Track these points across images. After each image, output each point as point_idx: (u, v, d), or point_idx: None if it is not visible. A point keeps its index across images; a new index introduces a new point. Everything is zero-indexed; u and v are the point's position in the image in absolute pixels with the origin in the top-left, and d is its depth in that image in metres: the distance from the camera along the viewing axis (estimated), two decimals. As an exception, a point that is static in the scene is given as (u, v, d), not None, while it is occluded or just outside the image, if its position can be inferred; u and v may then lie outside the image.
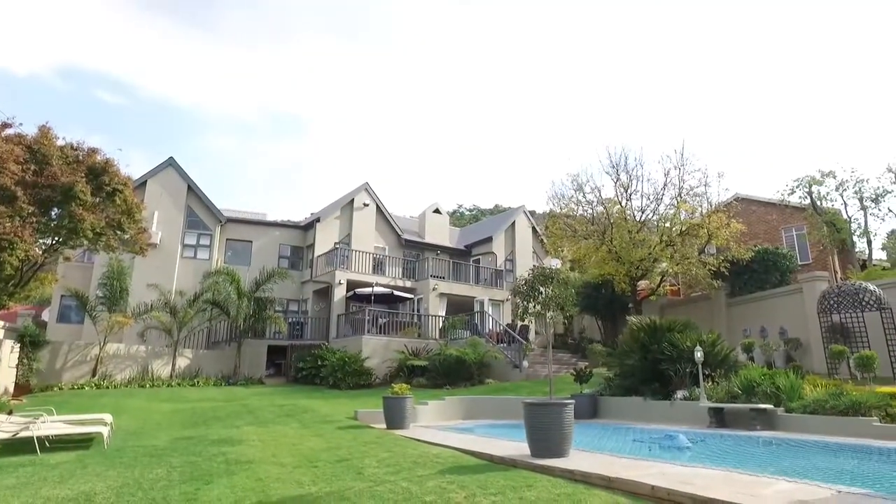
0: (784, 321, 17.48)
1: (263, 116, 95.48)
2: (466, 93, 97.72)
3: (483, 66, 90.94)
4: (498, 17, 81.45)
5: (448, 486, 5.22)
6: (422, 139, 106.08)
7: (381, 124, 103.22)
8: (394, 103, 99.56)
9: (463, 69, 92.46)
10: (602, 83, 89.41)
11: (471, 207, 69.02)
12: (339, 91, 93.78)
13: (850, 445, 7.43)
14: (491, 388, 16.62)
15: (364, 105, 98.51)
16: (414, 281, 25.38)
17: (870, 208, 26.22)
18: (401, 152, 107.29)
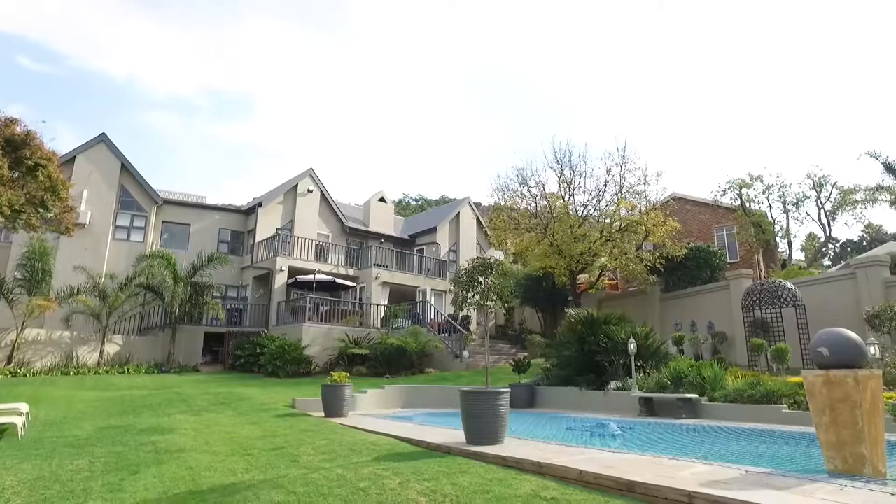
0: (712, 316, 18.40)
1: (207, 96, 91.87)
2: (416, 81, 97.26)
3: (433, 55, 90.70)
4: (448, 9, 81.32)
5: (383, 472, 5.26)
6: (370, 127, 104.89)
7: (328, 110, 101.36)
8: (342, 90, 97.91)
9: (412, 58, 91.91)
10: (549, 80, 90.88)
11: (417, 197, 68.84)
12: (286, 75, 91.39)
13: (763, 431, 7.96)
14: (431, 378, 16.77)
15: (312, 90, 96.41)
16: (357, 269, 25.19)
17: (791, 212, 28.01)
18: (348, 139, 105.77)
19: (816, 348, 5.09)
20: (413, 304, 23.70)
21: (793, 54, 72.97)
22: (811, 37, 71.20)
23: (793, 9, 67.92)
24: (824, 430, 4.86)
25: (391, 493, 4.57)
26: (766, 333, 15.68)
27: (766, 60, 74.58)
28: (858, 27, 68.38)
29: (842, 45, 68.55)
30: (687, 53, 79.21)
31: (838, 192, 28.00)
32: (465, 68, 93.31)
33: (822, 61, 71.17)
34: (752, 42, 75.64)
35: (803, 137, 72.34)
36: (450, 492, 4.48)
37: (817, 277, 18.04)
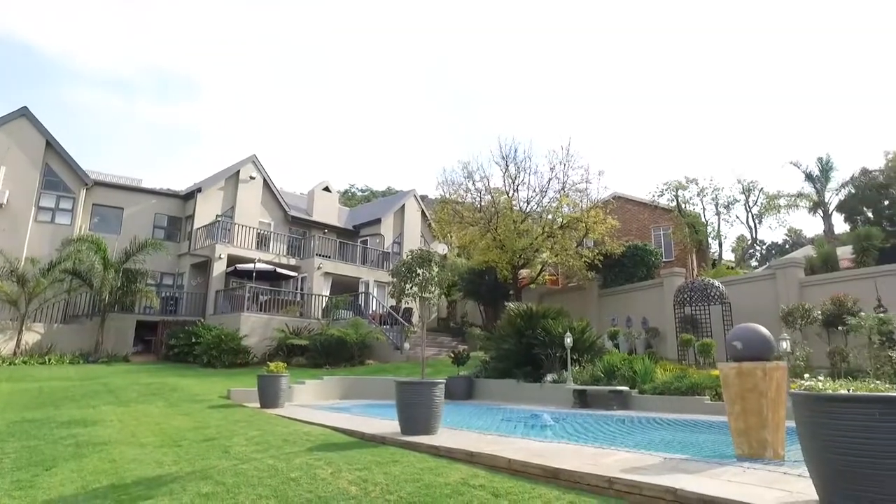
0: (647, 312, 19.10)
1: (147, 76, 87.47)
2: (365, 72, 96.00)
3: (383, 47, 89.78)
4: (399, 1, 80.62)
5: (315, 462, 5.26)
6: (317, 116, 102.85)
7: (274, 97, 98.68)
8: (289, 77, 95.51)
9: (362, 48, 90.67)
10: (497, 76, 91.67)
11: (363, 188, 68.07)
12: (232, 59, 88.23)
13: (686, 420, 8.42)
14: (371, 369, 16.75)
15: (258, 76, 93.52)
16: (299, 259, 24.78)
17: (722, 214, 29.43)
18: (294, 127, 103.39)
19: (731, 342, 5.44)
20: (355, 296, 23.55)
21: (728, 65, 76.47)
22: (744, 50, 74.83)
23: (728, 20, 71.13)
24: (735, 418, 5.21)
25: (322, 482, 4.58)
26: (695, 329, 16.42)
27: (703, 69, 77.85)
28: (786, 44, 72.38)
29: (771, 59, 72.40)
30: (632, 58, 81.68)
31: (764, 198, 29.64)
32: (415, 61, 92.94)
33: (753, 72, 74.95)
34: (690, 52, 78.75)
35: (736, 143, 76.07)
36: (381, 480, 4.53)
37: (742, 277, 19.05)
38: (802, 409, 3.43)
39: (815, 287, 14.91)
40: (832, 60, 69.73)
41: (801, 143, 73.60)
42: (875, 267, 16.25)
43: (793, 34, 74.30)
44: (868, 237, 23.14)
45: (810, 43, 70.60)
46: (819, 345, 12.20)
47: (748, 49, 74.18)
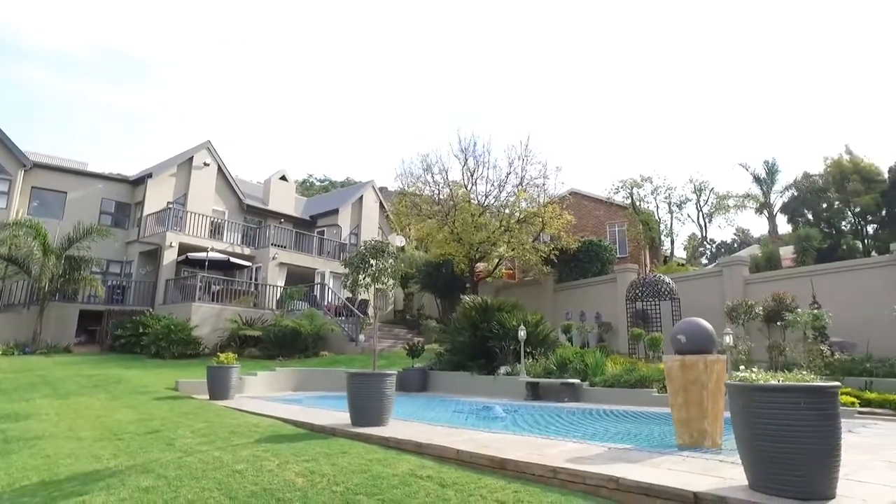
0: (600, 307, 19.52)
1: (96, 56, 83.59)
2: (324, 59, 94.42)
3: (343, 36, 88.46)
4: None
5: (263, 454, 5.18)
6: (275, 104, 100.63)
7: (231, 82, 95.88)
8: (247, 62, 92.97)
9: (321, 36, 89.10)
10: (459, 70, 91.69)
11: (322, 178, 67.04)
12: (185, 42, 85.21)
13: (634, 412, 8.67)
14: (325, 361, 16.59)
15: (213, 61, 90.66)
16: (254, 248, 24.27)
17: (675, 212, 30.35)
18: (251, 115, 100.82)
19: (676, 336, 5.61)
20: (311, 287, 23.25)
21: (682, 66, 78.56)
22: (697, 52, 77.03)
23: (683, 22, 73.05)
24: (677, 409, 5.39)
25: (269, 474, 4.52)
26: (646, 324, 16.89)
27: (659, 70, 79.74)
28: (736, 46, 74.83)
29: (722, 61, 74.80)
30: (591, 57, 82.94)
31: (715, 198, 30.71)
32: (377, 51, 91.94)
33: (706, 74, 77.25)
34: (646, 53, 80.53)
35: (690, 144, 78.32)
36: (328, 472, 4.50)
37: (691, 274, 19.71)
38: (736, 399, 3.57)
39: (759, 284, 15.54)
40: (780, 64, 72.54)
41: (750, 146, 76.36)
42: (812, 266, 17.07)
43: (742, 37, 76.89)
44: (807, 238, 24.33)
45: (759, 46, 73.20)
46: (760, 339, 12.74)
47: (701, 51, 76.42)
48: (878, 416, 7.69)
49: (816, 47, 69.27)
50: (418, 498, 3.82)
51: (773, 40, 73.89)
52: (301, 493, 4.02)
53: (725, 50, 74.64)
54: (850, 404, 7.98)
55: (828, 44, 69.00)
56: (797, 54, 70.67)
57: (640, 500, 3.55)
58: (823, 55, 69.34)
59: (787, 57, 71.19)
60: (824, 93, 72.07)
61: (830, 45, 68.63)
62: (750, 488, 3.40)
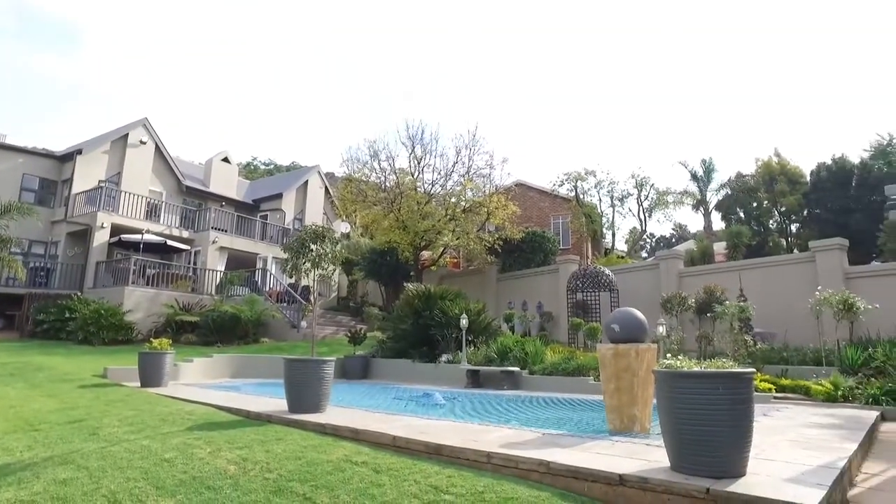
0: (542, 297, 19.90)
1: (13, 18, 77.92)
2: (271, 39, 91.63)
3: (290, 17, 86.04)
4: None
5: (194, 442, 5.04)
6: (217, 82, 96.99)
7: (171, 56, 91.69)
8: (190, 38, 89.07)
9: (267, 15, 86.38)
10: (407, 60, 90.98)
11: (267, 161, 65.10)
12: (119, 10, 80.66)
13: (571, 399, 8.92)
14: (265, 347, 16.27)
15: (156, 32, 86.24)
16: (193, 232, 23.42)
17: (617, 206, 31.26)
18: (193, 92, 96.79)
19: (610, 325, 5.79)
20: (252, 272, 22.69)
21: (627, 64, 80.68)
22: (639, 51, 79.26)
23: (627, 21, 74.97)
24: (610, 396, 5.57)
25: (199, 462, 4.41)
26: (586, 314, 17.35)
27: (605, 67, 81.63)
28: (679, 50, 77.44)
29: (663, 61, 77.32)
30: (541, 53, 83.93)
31: (655, 193, 31.80)
32: (326, 34, 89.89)
33: (650, 72, 79.65)
34: (592, 51, 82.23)
35: (633, 140, 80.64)
36: (261, 459, 4.43)
37: (629, 266, 20.36)
38: (661, 386, 3.74)
39: (692, 277, 16.21)
40: (721, 66, 75.61)
41: (690, 145, 79.47)
42: (741, 261, 17.96)
43: (682, 39, 79.60)
44: (738, 235, 25.59)
45: (698, 48, 76.08)
46: (692, 330, 13.32)
47: (645, 51, 78.66)
48: (791, 401, 8.22)
49: (753, 50, 72.54)
50: (352, 484, 3.81)
51: (712, 43, 76.88)
52: (232, 481, 3.94)
53: (668, 51, 77.12)
54: (767, 390, 8.48)
55: (764, 47, 72.37)
56: (735, 56, 73.83)
57: (570, 483, 3.66)
58: (760, 58, 72.68)
59: (727, 59, 74.26)
60: (759, 95, 75.69)
61: (766, 49, 72.01)
62: (671, 469, 3.57)
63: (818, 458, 4.01)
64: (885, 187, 6.08)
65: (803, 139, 68.79)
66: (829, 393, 8.16)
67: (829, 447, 4.49)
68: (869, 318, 10.51)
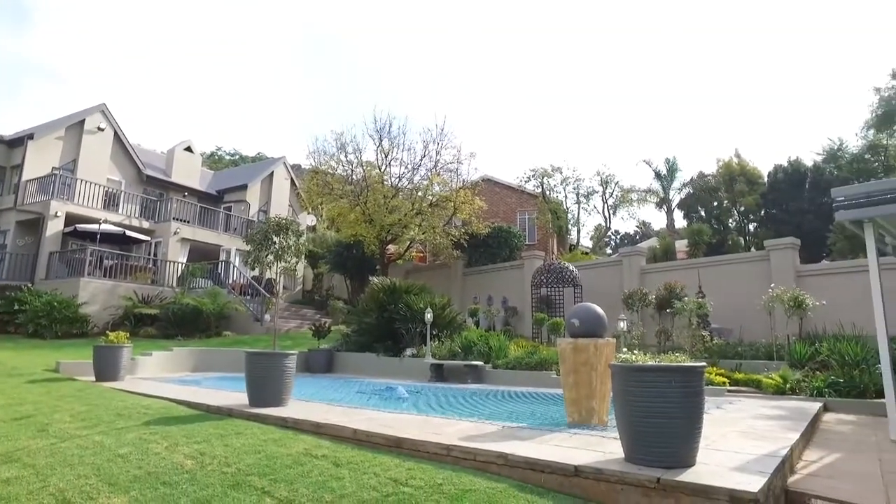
0: (507, 291, 20.08)
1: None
2: (238, 25, 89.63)
3: (258, 8, 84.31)
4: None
5: (150, 437, 4.95)
6: (181, 67, 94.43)
7: (133, 40, 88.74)
8: (154, 21, 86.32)
9: (233, 4, 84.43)
10: (377, 51, 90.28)
11: (231, 152, 63.70)
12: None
13: (533, 393, 9.04)
14: (228, 341, 16.01)
15: (113, 15, 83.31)
16: (154, 222, 22.83)
17: (582, 203, 31.72)
18: (155, 78, 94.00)
19: (570, 320, 5.90)
20: (215, 264, 22.27)
21: (594, 64, 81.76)
22: (607, 51, 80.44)
23: (597, 20, 75.89)
24: (569, 389, 5.68)
25: (155, 457, 4.33)
26: (550, 309, 17.58)
27: (573, 66, 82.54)
28: (645, 50, 78.79)
29: (629, 61, 78.64)
30: (510, 49, 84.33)
31: (620, 191, 32.37)
32: (293, 24, 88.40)
33: (619, 74, 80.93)
34: (560, 49, 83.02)
35: (599, 138, 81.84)
36: (220, 453, 4.38)
37: (593, 262, 20.72)
38: (617, 379, 3.84)
39: (654, 274, 16.58)
40: (685, 65, 77.26)
41: (655, 143, 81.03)
42: (700, 259, 18.46)
43: (648, 39, 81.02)
44: (699, 233, 26.32)
45: (663, 47, 77.64)
46: (653, 325, 13.65)
47: (612, 51, 79.82)
48: (743, 394, 8.52)
49: (717, 51, 74.34)
50: (311, 477, 3.81)
51: (677, 43, 78.45)
52: (189, 476, 3.89)
53: (635, 51, 78.40)
54: (722, 384, 8.77)
55: (726, 48, 74.23)
56: (700, 57, 75.52)
57: (527, 475, 3.73)
58: (724, 59, 74.53)
59: (692, 59, 75.90)
60: (723, 96, 77.64)
61: (729, 50, 73.87)
62: (625, 460, 3.67)
63: (763, 447, 4.18)
64: (831, 189, 6.31)
65: (763, 140, 70.94)
66: (779, 386, 8.49)
67: (774, 437, 4.68)
68: (817, 314, 10.96)
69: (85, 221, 20.19)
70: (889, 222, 6.41)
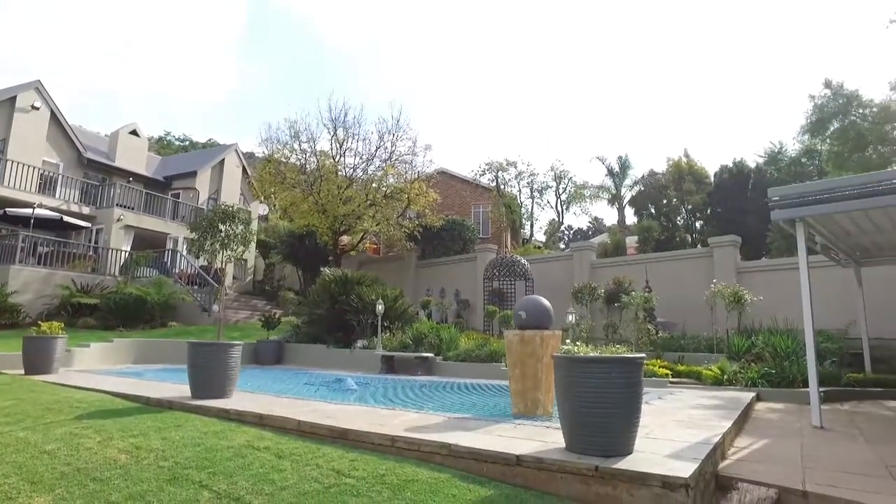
0: (460, 284, 20.16)
1: None
2: (196, 7, 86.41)
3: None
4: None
5: (82, 431, 4.74)
6: (125, 45, 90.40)
7: (69, 12, 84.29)
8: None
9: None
10: (333, 40, 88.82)
11: (181, 137, 61.51)
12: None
13: (483, 385, 9.13)
14: (173, 332, 15.50)
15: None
16: (95, 208, 21.82)
17: (536, 198, 32.19)
18: (98, 58, 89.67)
19: (517, 312, 5.97)
20: (161, 253, 21.49)
21: (551, 60, 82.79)
22: (560, 47, 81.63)
23: (548, 19, 76.84)
24: (515, 381, 5.75)
25: (86, 452, 4.15)
26: (502, 302, 17.75)
27: (530, 61, 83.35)
28: (606, 46, 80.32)
29: (585, 58, 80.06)
30: (468, 44, 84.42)
31: (573, 186, 32.97)
32: (250, 8, 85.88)
33: (575, 71, 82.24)
34: (516, 45, 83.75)
35: (554, 133, 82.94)
36: (157, 447, 4.25)
37: (545, 256, 21.03)
38: (559, 370, 3.90)
39: (604, 269, 16.96)
40: (641, 64, 79.13)
41: (609, 140, 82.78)
42: (648, 254, 18.99)
43: (601, 38, 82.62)
44: (649, 230, 27.06)
45: (617, 47, 79.35)
46: (601, 319, 13.97)
47: (566, 47, 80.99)
48: (685, 385, 8.84)
49: (669, 51, 76.40)
50: (252, 469, 3.74)
51: (630, 43, 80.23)
52: (122, 471, 3.75)
53: (591, 49, 79.76)
54: (665, 375, 9.07)
55: (680, 50, 76.39)
56: (653, 57, 77.46)
57: (470, 465, 3.76)
58: (676, 60, 76.67)
59: (645, 59, 77.77)
60: (675, 96, 79.91)
61: (681, 50, 76.04)
62: (566, 450, 3.74)
63: (698, 435, 4.35)
64: (768, 190, 6.62)
65: (711, 141, 73.51)
66: (717, 377, 8.84)
67: (708, 426, 4.87)
68: (755, 309, 11.46)
69: (16, 205, 19.10)
70: (819, 222, 6.75)
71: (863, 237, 8.36)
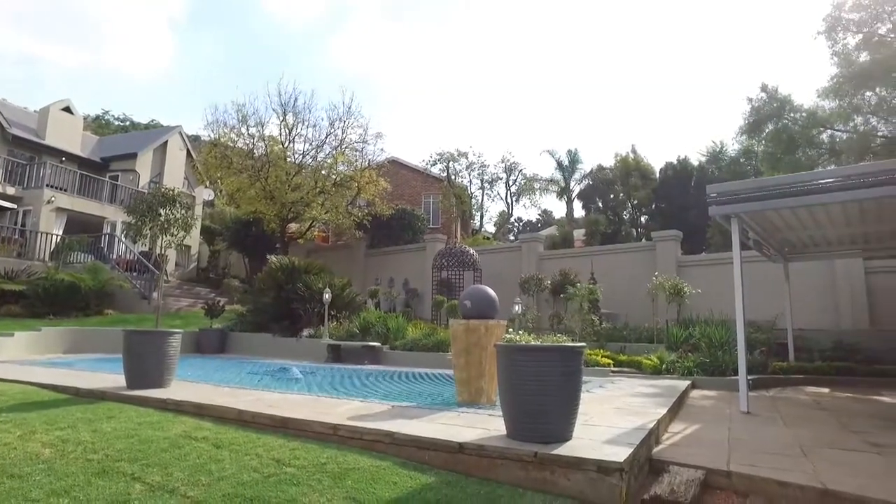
0: (409, 274, 20.13)
1: None
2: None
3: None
4: None
5: (1, 426, 4.48)
6: (55, 15, 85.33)
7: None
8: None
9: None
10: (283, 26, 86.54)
11: (121, 117, 58.69)
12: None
13: (429, 374, 9.17)
14: (109, 320, 14.86)
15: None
16: (22, 188, 20.59)
17: (486, 189, 32.45)
18: (25, 26, 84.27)
19: (463, 301, 6.01)
20: (98, 237, 20.51)
21: (502, 51, 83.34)
22: (515, 41, 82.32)
23: (503, 11, 77.32)
24: (459, 370, 5.80)
25: (4, 448, 3.91)
26: (450, 291, 17.83)
27: (483, 52, 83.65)
28: (559, 39, 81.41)
29: (536, 49, 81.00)
30: (421, 33, 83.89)
31: (523, 179, 33.39)
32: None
33: (523, 62, 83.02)
34: (468, 36, 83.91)
35: (505, 125, 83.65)
36: (86, 439, 4.07)
37: (494, 247, 21.26)
38: (501, 358, 3.96)
39: (551, 260, 17.27)
40: (592, 59, 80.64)
41: (559, 134, 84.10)
42: (594, 247, 19.47)
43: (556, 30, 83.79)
44: (596, 223, 27.76)
45: (569, 40, 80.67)
46: (547, 309, 14.25)
47: (519, 40, 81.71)
48: (626, 374, 9.15)
49: (622, 49, 78.16)
50: (188, 460, 3.63)
51: (581, 38, 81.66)
52: (46, 466, 3.56)
53: (543, 42, 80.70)
54: (607, 365, 9.35)
55: (632, 47, 78.24)
56: (608, 53, 79.07)
57: (413, 453, 3.77)
58: (629, 57, 78.49)
59: (601, 55, 79.30)
60: (624, 93, 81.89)
61: (633, 48, 77.90)
62: (507, 437, 3.81)
63: (634, 422, 4.50)
64: (706, 186, 6.92)
65: (658, 138, 75.78)
66: (656, 367, 9.18)
67: (645, 413, 5.05)
68: (693, 301, 11.94)
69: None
70: (752, 218, 7.07)
71: (790, 233, 8.84)
